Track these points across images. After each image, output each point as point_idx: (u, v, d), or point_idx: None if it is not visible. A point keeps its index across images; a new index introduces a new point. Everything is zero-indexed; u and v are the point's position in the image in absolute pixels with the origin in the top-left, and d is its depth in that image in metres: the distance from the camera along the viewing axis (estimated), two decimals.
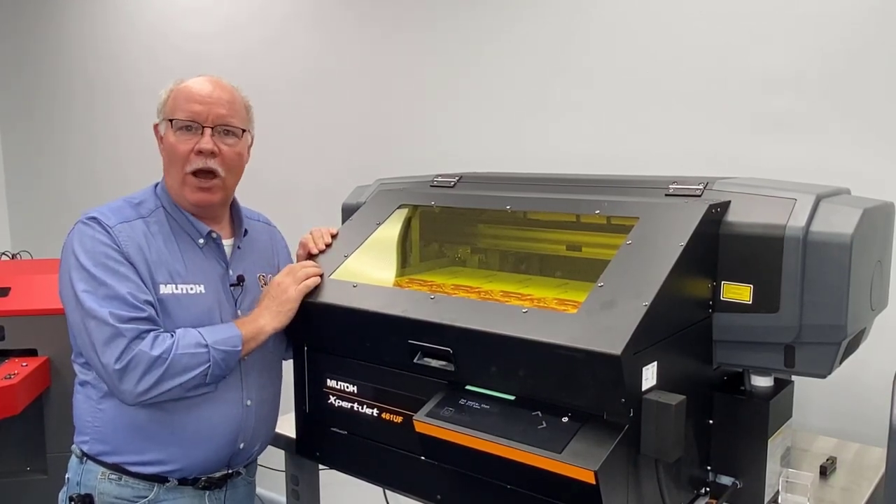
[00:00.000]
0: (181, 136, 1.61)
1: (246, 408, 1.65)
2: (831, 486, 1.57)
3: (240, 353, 1.55)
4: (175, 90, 1.65)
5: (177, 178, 1.63)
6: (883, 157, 1.86)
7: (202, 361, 1.50)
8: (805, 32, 1.93)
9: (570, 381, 1.22)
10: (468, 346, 1.33)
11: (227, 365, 1.54)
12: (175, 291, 1.59)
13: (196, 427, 1.59)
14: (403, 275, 1.81)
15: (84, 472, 1.62)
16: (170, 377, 1.48)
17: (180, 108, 1.61)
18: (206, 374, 1.51)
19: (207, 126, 1.61)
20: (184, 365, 1.49)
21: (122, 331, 1.47)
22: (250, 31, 3.21)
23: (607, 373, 1.15)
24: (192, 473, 1.62)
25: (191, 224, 1.66)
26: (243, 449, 1.67)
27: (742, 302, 1.38)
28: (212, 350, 1.51)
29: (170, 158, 1.63)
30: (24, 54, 4.41)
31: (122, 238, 1.56)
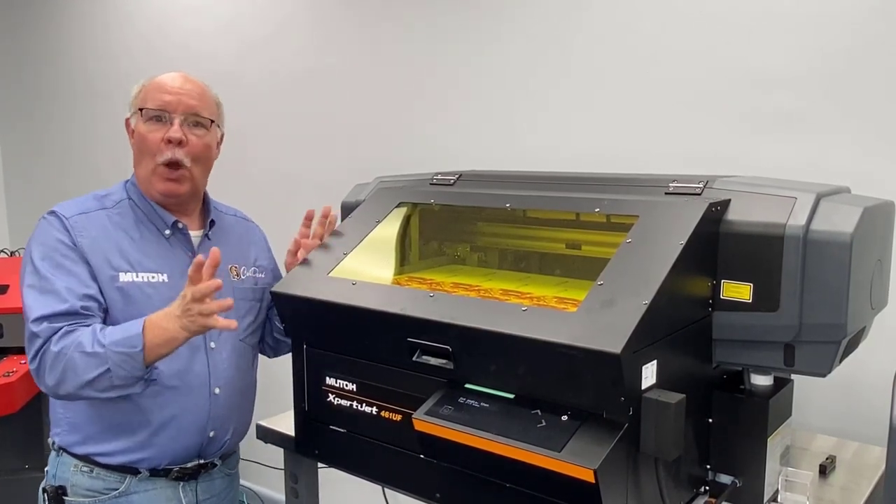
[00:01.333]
0: (151, 126, 1.63)
1: (214, 396, 1.66)
2: (831, 485, 1.57)
3: (141, 354, 1.45)
4: (146, 85, 1.68)
5: (147, 168, 1.65)
6: (883, 156, 1.86)
7: (100, 362, 1.45)
8: (805, 32, 1.93)
9: (569, 379, 1.21)
10: (467, 345, 1.33)
11: (131, 367, 1.46)
12: (135, 279, 1.60)
13: (162, 416, 1.60)
14: (402, 273, 1.81)
15: (59, 465, 1.65)
16: (72, 376, 1.46)
17: (151, 98, 1.64)
18: (111, 377, 1.46)
19: (177, 115, 1.64)
20: (83, 365, 1.46)
21: (38, 332, 1.49)
22: (250, 30, 3.20)
23: (607, 371, 1.15)
24: (161, 463, 1.63)
25: (157, 214, 1.68)
26: (214, 438, 1.68)
27: (742, 300, 1.38)
28: (109, 352, 1.45)
29: (140, 149, 1.66)
30: (24, 53, 4.41)
31: (77, 229, 1.59)
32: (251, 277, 1.82)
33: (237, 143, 3.30)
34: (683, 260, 1.27)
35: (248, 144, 3.25)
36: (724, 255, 1.40)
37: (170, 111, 1.64)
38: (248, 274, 1.82)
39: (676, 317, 1.32)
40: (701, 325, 1.39)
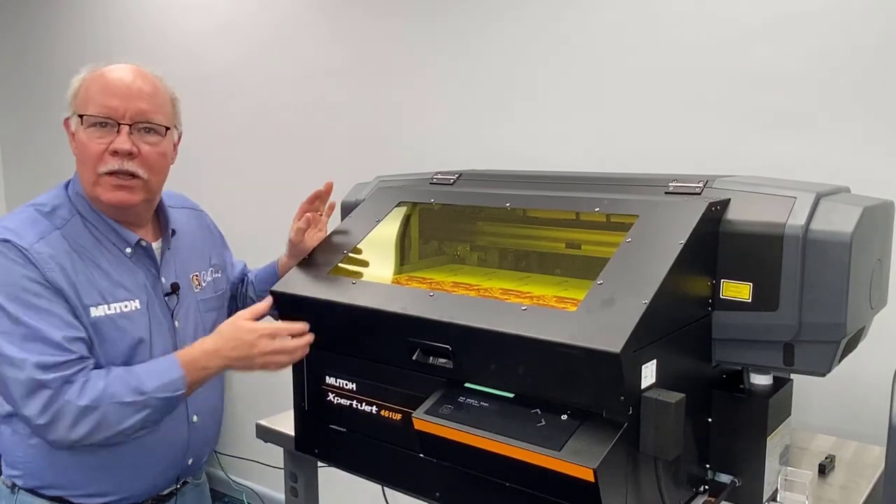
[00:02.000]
0: (93, 133, 1.41)
1: (192, 424, 1.58)
2: (830, 485, 1.57)
3: (183, 396, 1.41)
4: (88, 79, 1.45)
5: (88, 179, 1.43)
6: (883, 155, 1.86)
7: (139, 409, 1.35)
8: (806, 31, 1.93)
9: (569, 378, 1.21)
10: (467, 344, 1.33)
11: (170, 409, 1.41)
12: (108, 312, 1.42)
13: (141, 453, 1.48)
14: (402, 272, 1.81)
15: (18, 502, 1.48)
16: (104, 428, 1.33)
17: (93, 100, 1.41)
18: (146, 421, 1.38)
19: (125, 123, 1.41)
20: (119, 415, 1.34)
21: (46, 382, 1.30)
22: (250, 29, 3.20)
23: (606, 370, 1.15)
24: (140, 499, 1.54)
25: (115, 232, 1.47)
26: (192, 464, 1.62)
27: (741, 300, 1.38)
28: (150, 399, 1.36)
29: (80, 158, 1.44)
30: (23, 52, 4.40)
31: (42, 260, 1.36)
32: (211, 283, 1.70)
33: (236, 142, 3.30)
34: (683, 259, 1.27)
35: (246, 144, 3.25)
36: (724, 255, 1.40)
37: (116, 118, 1.41)
38: (209, 279, 1.70)
39: (676, 316, 1.32)
40: (700, 324, 1.39)
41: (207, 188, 2.81)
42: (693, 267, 1.34)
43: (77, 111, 1.44)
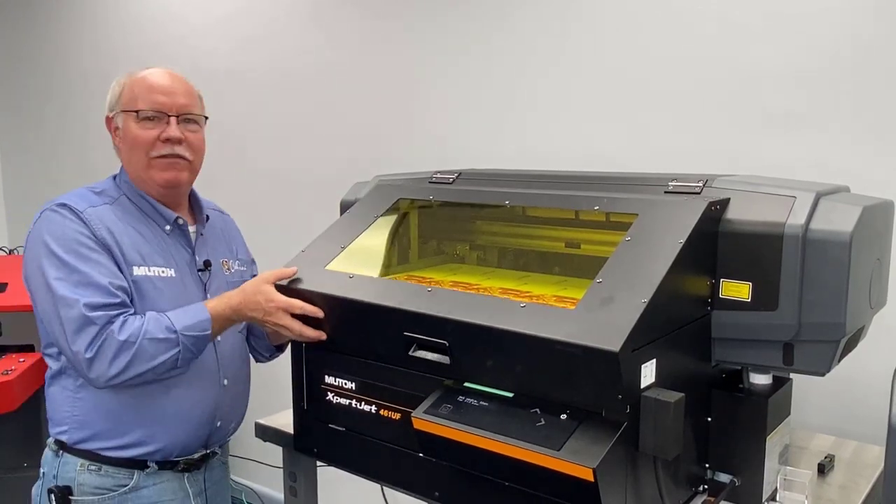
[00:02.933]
0: (145, 125, 1.63)
1: (223, 387, 1.70)
2: (829, 484, 1.57)
3: (209, 337, 1.57)
4: (130, 83, 1.66)
5: (141, 163, 1.65)
6: (883, 155, 1.86)
7: (171, 346, 1.52)
8: (806, 30, 1.93)
9: (567, 376, 1.21)
10: (464, 340, 1.33)
11: (198, 349, 1.56)
12: (148, 273, 1.61)
13: (176, 407, 1.62)
14: (401, 270, 1.80)
15: (61, 465, 1.63)
16: (139, 362, 1.49)
17: (142, 98, 1.63)
18: (177, 360, 1.53)
19: (173, 115, 1.64)
20: (153, 351, 1.50)
21: (94, 318, 1.48)
22: (249, 27, 3.20)
23: (605, 369, 1.15)
24: (172, 454, 1.64)
25: (156, 211, 1.68)
26: (220, 427, 1.72)
27: (741, 300, 1.38)
28: (181, 336, 1.52)
29: (132, 147, 1.65)
30: (21, 51, 4.40)
31: (94, 222, 1.58)
32: (238, 271, 1.85)
33: (236, 140, 3.30)
34: (682, 259, 1.27)
35: (247, 142, 3.25)
36: (724, 254, 1.40)
37: (166, 111, 1.64)
38: (236, 268, 1.85)
39: (675, 315, 1.32)
40: (700, 323, 1.39)
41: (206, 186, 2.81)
42: (692, 266, 1.34)
43: (125, 108, 1.65)
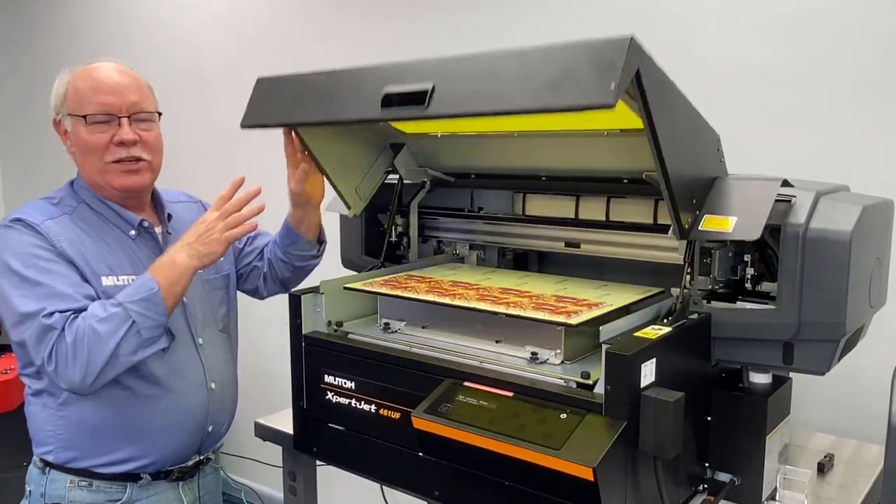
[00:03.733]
0: (96, 129, 1.54)
1: (211, 391, 1.66)
2: (829, 483, 1.58)
3: (159, 293, 1.44)
4: (73, 82, 1.56)
5: (95, 169, 1.56)
6: (882, 154, 1.86)
7: (122, 321, 1.41)
8: (806, 30, 1.93)
9: None
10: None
11: (155, 312, 1.44)
12: (117, 283, 1.53)
13: (165, 418, 1.58)
14: (401, 271, 1.80)
15: (49, 482, 1.57)
16: (97, 350, 1.40)
17: (89, 101, 1.54)
18: (138, 332, 1.42)
19: (124, 116, 1.55)
20: (104, 332, 1.40)
21: (52, 324, 1.41)
22: (245, 25, 3.20)
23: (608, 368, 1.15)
24: (165, 465, 1.61)
25: (119, 216, 1.60)
26: (212, 432, 1.69)
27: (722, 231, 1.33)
28: (126, 305, 1.42)
29: (84, 153, 1.56)
30: (20, 51, 4.39)
31: (53, 234, 1.50)
32: (213, 265, 1.72)
33: (234, 139, 3.30)
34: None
35: (245, 141, 3.25)
36: None
37: (115, 113, 1.54)
38: None
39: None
40: (700, 323, 1.39)
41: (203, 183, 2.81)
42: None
43: (73, 112, 1.56)
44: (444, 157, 1.84)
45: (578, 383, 1.27)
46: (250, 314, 3.46)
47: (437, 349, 1.47)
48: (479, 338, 1.49)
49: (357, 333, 1.59)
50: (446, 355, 1.44)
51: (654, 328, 1.29)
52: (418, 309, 1.56)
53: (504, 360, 1.40)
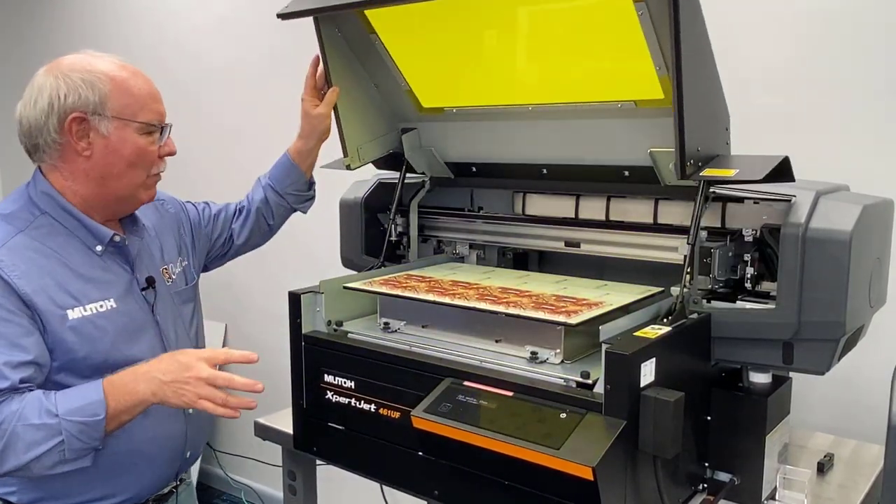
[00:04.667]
0: (148, 139, 1.44)
1: (188, 416, 1.57)
2: (829, 483, 1.58)
3: (102, 422, 1.29)
4: (121, 85, 1.42)
5: (135, 180, 1.45)
6: (882, 154, 1.86)
7: (51, 434, 1.26)
8: (806, 30, 1.93)
9: None
10: None
11: (90, 438, 1.29)
12: (85, 314, 1.39)
13: (141, 453, 1.47)
14: (401, 270, 1.80)
15: None
16: (13, 454, 1.26)
17: (148, 108, 1.44)
18: (63, 451, 1.28)
19: (167, 127, 1.49)
20: (29, 439, 1.26)
21: None
22: (247, 25, 3.20)
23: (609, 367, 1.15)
24: (143, 498, 1.52)
25: (87, 230, 1.44)
26: (189, 457, 1.62)
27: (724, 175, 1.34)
28: (63, 421, 1.27)
29: (130, 163, 1.43)
30: (21, 51, 4.39)
31: (5, 268, 1.33)
32: (181, 274, 1.67)
33: (233, 139, 3.30)
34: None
35: (245, 141, 3.25)
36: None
37: (163, 122, 1.48)
38: (178, 270, 1.66)
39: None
40: (700, 322, 1.39)
41: (202, 184, 2.81)
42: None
43: (122, 115, 1.41)
44: (450, 144, 1.85)
45: (578, 383, 1.27)
46: (249, 311, 3.47)
47: (436, 349, 1.47)
48: (478, 337, 1.49)
49: (357, 333, 1.59)
50: (446, 355, 1.44)
51: (653, 328, 1.29)
52: (418, 308, 1.56)
53: (504, 360, 1.39)
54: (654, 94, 1.42)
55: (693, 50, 1.26)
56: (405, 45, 1.68)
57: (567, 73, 1.54)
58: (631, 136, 1.53)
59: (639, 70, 1.40)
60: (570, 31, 1.46)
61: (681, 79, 1.24)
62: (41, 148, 1.43)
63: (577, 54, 1.49)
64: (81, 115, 1.39)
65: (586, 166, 1.65)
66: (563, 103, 1.59)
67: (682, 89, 1.25)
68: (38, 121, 1.40)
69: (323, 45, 1.69)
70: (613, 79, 1.47)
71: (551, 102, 1.60)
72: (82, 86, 1.39)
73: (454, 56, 1.65)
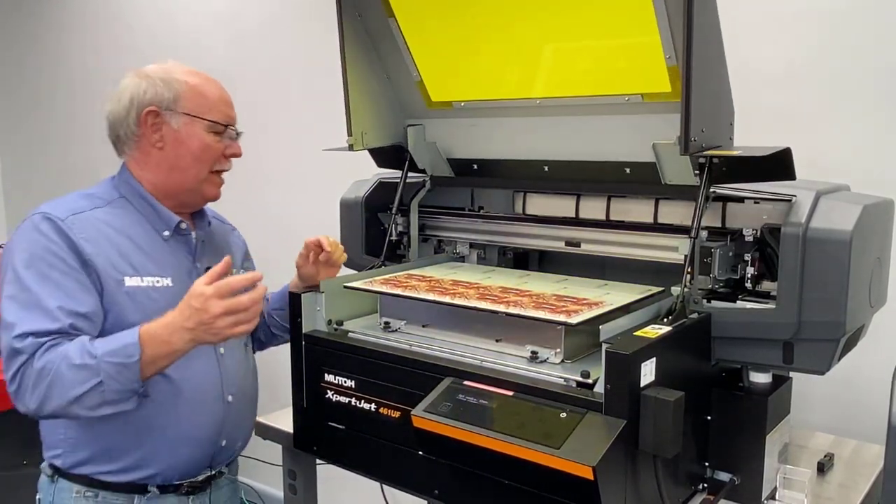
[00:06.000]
0: (214, 137, 1.59)
1: (227, 404, 1.61)
2: (829, 483, 1.58)
3: (137, 364, 1.37)
4: (194, 83, 1.59)
5: (200, 174, 1.59)
6: (883, 154, 1.86)
7: (91, 375, 1.35)
8: (806, 29, 1.93)
9: None
10: None
11: (126, 380, 1.37)
12: (141, 284, 1.51)
13: (177, 428, 1.53)
14: (402, 270, 1.80)
15: (57, 492, 1.54)
16: (57, 392, 1.35)
17: (217, 109, 1.59)
18: (103, 391, 1.36)
19: (238, 131, 1.63)
20: (71, 378, 1.35)
21: (22, 349, 1.37)
22: (250, 24, 3.20)
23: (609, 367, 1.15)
24: (173, 478, 1.56)
25: (157, 214, 1.58)
26: (225, 447, 1.64)
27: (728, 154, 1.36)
28: (102, 362, 1.35)
29: (196, 157, 1.57)
30: (22, 49, 4.40)
31: (75, 231, 1.47)
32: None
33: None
34: None
35: (246, 140, 3.25)
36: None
37: (234, 126, 1.63)
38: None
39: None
40: (700, 322, 1.39)
41: None
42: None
43: (192, 112, 1.57)
44: (454, 140, 1.85)
45: (578, 382, 1.27)
46: None
47: (437, 348, 1.47)
48: (479, 337, 1.49)
49: (357, 332, 1.59)
50: (446, 354, 1.44)
51: (654, 327, 1.29)
52: (418, 308, 1.56)
53: (504, 359, 1.40)
54: (661, 87, 1.43)
55: (705, 34, 1.28)
56: (420, 30, 1.71)
57: (577, 66, 1.55)
58: (635, 132, 1.53)
59: (648, 60, 1.41)
60: (584, 19, 1.47)
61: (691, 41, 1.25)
62: (122, 139, 1.60)
63: (588, 45, 1.50)
64: (156, 110, 1.55)
65: (587, 162, 1.65)
66: (570, 97, 1.60)
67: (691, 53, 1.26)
68: (121, 115, 1.57)
69: (342, 28, 1.72)
70: (622, 71, 1.49)
71: (559, 96, 1.61)
72: (160, 84, 1.56)
73: (467, 45, 1.66)
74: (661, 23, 1.36)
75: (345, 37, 1.74)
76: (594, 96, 1.56)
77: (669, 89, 1.43)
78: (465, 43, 1.66)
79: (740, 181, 1.43)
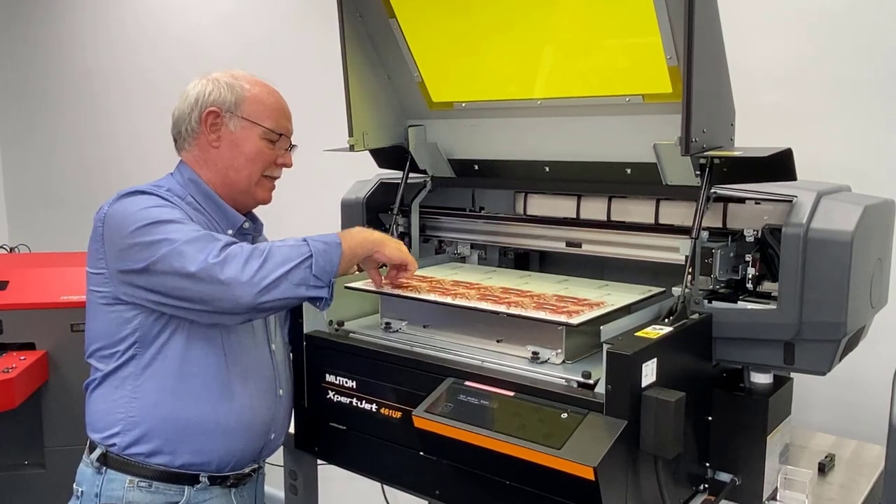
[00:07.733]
0: (268, 144, 1.63)
1: (279, 398, 1.64)
2: (829, 483, 1.58)
3: (339, 248, 1.49)
4: (258, 93, 1.64)
5: (252, 177, 1.64)
6: (883, 154, 1.86)
7: (302, 253, 1.44)
8: (806, 29, 1.93)
9: None
10: None
11: (330, 261, 1.47)
12: None
13: (236, 417, 1.56)
14: None
15: (105, 483, 1.54)
16: (272, 264, 1.42)
17: (274, 118, 1.63)
18: (310, 265, 1.44)
19: (292, 143, 1.68)
20: (285, 253, 1.44)
21: (217, 236, 1.46)
22: (250, 24, 3.20)
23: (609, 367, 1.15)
24: (226, 468, 1.58)
25: (223, 214, 1.63)
26: (273, 440, 1.66)
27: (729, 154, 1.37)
28: (311, 241, 1.47)
29: (248, 159, 1.62)
30: (24, 49, 4.40)
31: (175, 201, 1.55)
32: None
33: None
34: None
35: None
36: None
37: (288, 137, 1.67)
38: None
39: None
40: (701, 322, 1.39)
41: None
42: None
43: (251, 118, 1.62)
44: (455, 141, 1.86)
45: (579, 383, 1.28)
46: None
47: (438, 348, 1.47)
48: (480, 337, 1.49)
49: (358, 333, 1.59)
50: (447, 354, 1.45)
51: (655, 328, 1.29)
52: (419, 308, 1.56)
53: (505, 360, 1.40)
54: (662, 88, 1.44)
55: (706, 35, 1.29)
56: (421, 31, 1.71)
57: (577, 66, 1.56)
58: (635, 133, 1.53)
59: (649, 61, 1.42)
60: (586, 19, 1.48)
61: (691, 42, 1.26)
62: (183, 136, 1.65)
63: (589, 45, 1.51)
64: (217, 111, 1.61)
65: (588, 163, 1.65)
66: (571, 98, 1.60)
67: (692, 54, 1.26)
68: (184, 113, 1.63)
69: (343, 28, 1.73)
70: (623, 71, 1.49)
71: (560, 97, 1.62)
72: (224, 87, 1.62)
73: (467, 46, 1.67)
74: (661, 23, 1.36)
75: (346, 37, 1.74)
76: (595, 97, 1.57)
77: (670, 90, 1.44)
78: (466, 43, 1.67)
79: (741, 182, 1.43)
